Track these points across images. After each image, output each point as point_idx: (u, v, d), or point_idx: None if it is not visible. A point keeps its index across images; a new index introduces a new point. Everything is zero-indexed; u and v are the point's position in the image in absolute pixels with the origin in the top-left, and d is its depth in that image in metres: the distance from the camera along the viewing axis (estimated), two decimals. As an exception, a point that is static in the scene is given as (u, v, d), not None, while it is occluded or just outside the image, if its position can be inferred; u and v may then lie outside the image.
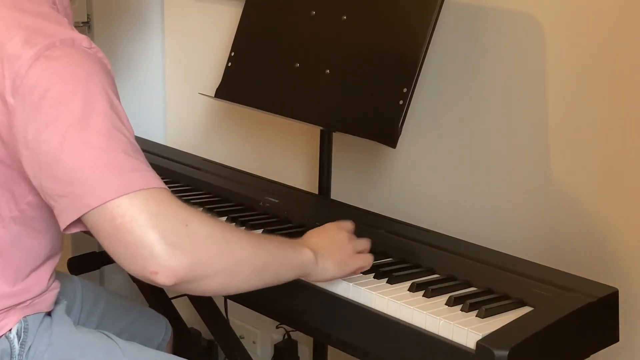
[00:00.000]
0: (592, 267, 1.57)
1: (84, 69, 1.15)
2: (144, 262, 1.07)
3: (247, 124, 2.24)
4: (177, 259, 1.08)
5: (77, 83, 1.13)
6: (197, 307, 2.03)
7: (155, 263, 1.07)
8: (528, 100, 1.65)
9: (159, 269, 1.07)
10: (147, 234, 1.07)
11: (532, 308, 1.30)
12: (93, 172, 1.09)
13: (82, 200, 1.10)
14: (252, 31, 1.91)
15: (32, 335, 1.30)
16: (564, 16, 1.58)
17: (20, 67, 1.13)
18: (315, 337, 1.73)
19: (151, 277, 1.08)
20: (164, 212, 1.09)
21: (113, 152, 1.11)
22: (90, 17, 2.35)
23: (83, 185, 1.09)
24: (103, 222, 1.09)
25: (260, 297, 1.52)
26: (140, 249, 1.07)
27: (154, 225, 1.07)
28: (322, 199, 1.83)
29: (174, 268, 1.07)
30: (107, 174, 1.09)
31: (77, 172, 1.10)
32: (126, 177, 1.10)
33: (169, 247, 1.07)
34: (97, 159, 1.10)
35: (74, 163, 1.10)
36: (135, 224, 1.07)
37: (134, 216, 1.07)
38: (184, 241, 1.09)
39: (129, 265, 1.10)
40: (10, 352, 1.28)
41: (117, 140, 1.12)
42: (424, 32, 1.59)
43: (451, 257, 1.47)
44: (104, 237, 1.11)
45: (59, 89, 1.12)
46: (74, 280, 1.59)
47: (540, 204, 1.66)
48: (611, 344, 1.35)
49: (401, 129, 1.59)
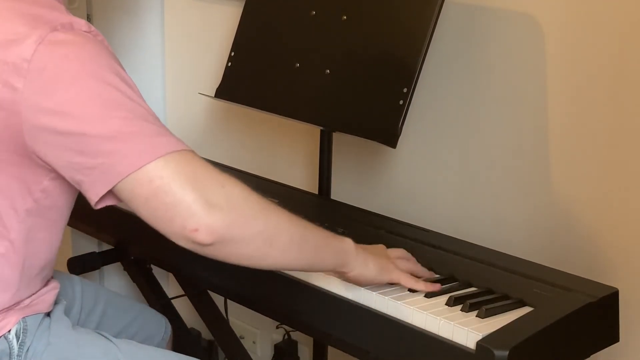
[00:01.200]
0: (592, 267, 1.57)
1: (89, 50, 1.17)
2: (184, 221, 1.10)
3: (247, 124, 2.24)
4: (215, 216, 1.10)
5: (85, 62, 1.15)
6: (197, 307, 2.03)
7: (194, 221, 1.09)
8: (528, 101, 1.65)
9: (198, 226, 1.09)
10: (186, 193, 1.09)
11: (532, 308, 1.30)
12: (122, 141, 1.11)
13: (115, 169, 1.11)
14: (252, 31, 1.91)
15: (31, 336, 1.30)
16: (564, 16, 1.58)
17: (24, 51, 1.13)
18: (315, 337, 1.73)
19: (191, 235, 1.10)
20: (199, 173, 1.12)
21: (136, 120, 1.13)
22: (90, 17, 2.35)
23: (113, 155, 1.11)
24: (140, 187, 1.11)
25: (260, 297, 1.52)
26: (179, 208, 1.09)
27: (191, 184, 1.10)
28: (322, 199, 1.83)
29: (212, 225, 1.10)
30: (136, 141, 1.11)
31: (106, 143, 1.11)
32: (155, 142, 1.12)
33: (208, 205, 1.10)
34: (122, 128, 1.12)
35: (101, 135, 1.11)
36: (174, 185, 1.10)
37: (171, 177, 1.10)
38: (222, 200, 1.11)
39: (168, 227, 1.12)
40: (9, 352, 1.28)
41: (136, 111, 1.15)
42: (424, 32, 1.59)
43: (451, 257, 1.47)
44: (141, 202, 1.12)
45: (68, 68, 1.13)
46: (73, 280, 1.59)
47: (541, 204, 1.66)
48: (611, 344, 1.35)
49: (401, 129, 1.59)
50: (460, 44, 1.74)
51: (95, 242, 2.34)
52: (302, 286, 1.42)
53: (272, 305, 1.50)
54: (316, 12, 1.78)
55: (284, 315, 1.53)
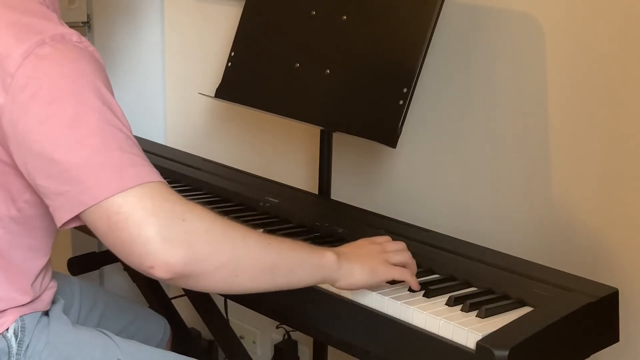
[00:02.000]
0: (592, 267, 1.57)
1: (75, 66, 1.15)
2: (140, 258, 1.08)
3: (247, 124, 2.24)
4: (172, 253, 1.08)
5: (67, 81, 1.13)
6: (197, 307, 2.03)
7: (150, 259, 1.08)
8: (528, 100, 1.65)
9: (154, 264, 1.08)
10: (142, 231, 1.07)
11: (532, 308, 1.30)
12: (88, 171, 1.09)
13: (78, 199, 1.10)
14: (252, 31, 1.91)
15: (29, 334, 1.30)
16: (564, 16, 1.58)
17: (9, 65, 1.12)
18: (315, 337, 1.73)
19: (149, 272, 1.09)
20: (158, 208, 1.09)
21: (107, 149, 1.11)
22: (90, 17, 2.35)
23: (78, 184, 1.10)
24: (99, 220, 1.10)
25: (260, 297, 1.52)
26: (135, 246, 1.08)
27: (149, 221, 1.08)
28: (322, 199, 1.83)
29: (169, 263, 1.08)
30: (101, 172, 1.09)
31: (72, 171, 1.10)
32: (121, 174, 1.10)
33: (164, 242, 1.07)
34: (91, 157, 1.10)
35: (69, 162, 1.10)
36: (130, 222, 1.08)
37: (128, 214, 1.08)
38: (180, 236, 1.09)
39: (127, 260, 1.11)
40: (8, 351, 1.28)
41: (111, 137, 1.12)
42: (424, 32, 1.59)
43: (451, 257, 1.47)
44: (101, 234, 1.11)
45: (50, 88, 1.12)
46: (72, 280, 1.59)
47: (540, 203, 1.66)
48: (611, 344, 1.35)
49: (401, 129, 1.59)
50: (460, 44, 1.74)
51: (95, 242, 2.34)
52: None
53: (272, 305, 1.50)
54: (316, 12, 1.78)
55: (284, 315, 1.53)
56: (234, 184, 1.83)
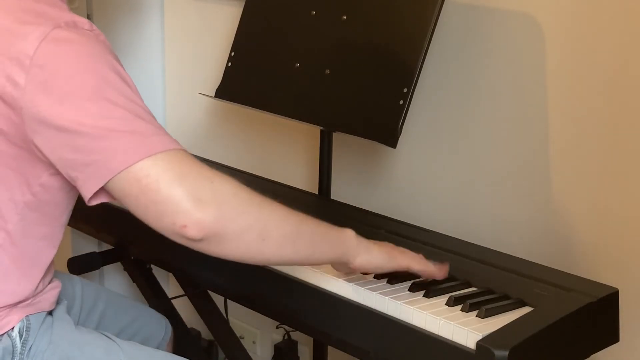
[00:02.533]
0: (592, 267, 1.57)
1: (90, 48, 1.19)
2: (173, 218, 1.11)
3: (247, 124, 2.24)
4: (204, 211, 1.11)
5: (85, 60, 1.17)
6: (197, 307, 2.03)
7: (183, 217, 1.11)
8: (528, 101, 1.66)
9: (187, 222, 1.11)
10: (174, 190, 1.11)
11: (532, 308, 1.30)
12: (115, 139, 1.13)
13: (107, 166, 1.13)
14: (252, 31, 1.91)
15: (33, 334, 1.30)
16: (564, 16, 1.58)
17: (27, 47, 1.15)
18: (315, 337, 1.73)
19: (181, 232, 1.12)
20: (187, 170, 1.13)
21: (130, 119, 1.15)
22: (90, 17, 2.35)
23: (106, 152, 1.13)
24: (129, 185, 1.13)
25: (260, 297, 1.52)
26: (168, 205, 1.11)
27: (179, 181, 1.11)
28: (322, 199, 1.83)
29: (201, 221, 1.11)
30: (128, 140, 1.13)
31: (99, 140, 1.13)
32: (146, 141, 1.13)
33: (196, 200, 1.11)
34: (116, 127, 1.13)
35: (95, 132, 1.13)
36: (161, 182, 1.11)
37: (159, 175, 1.11)
38: (210, 196, 1.12)
39: (158, 223, 1.13)
40: (12, 350, 1.29)
41: (132, 109, 1.16)
42: (424, 32, 1.59)
43: (451, 257, 1.47)
44: (132, 200, 1.14)
45: (69, 66, 1.16)
46: (73, 279, 1.59)
47: (540, 203, 1.66)
48: (611, 344, 1.35)
49: (401, 129, 1.59)
50: (460, 44, 1.74)
51: (95, 242, 2.34)
52: (302, 286, 1.42)
53: (272, 305, 1.50)
54: (316, 12, 1.78)
55: (284, 315, 1.53)
56: (234, 184, 1.83)
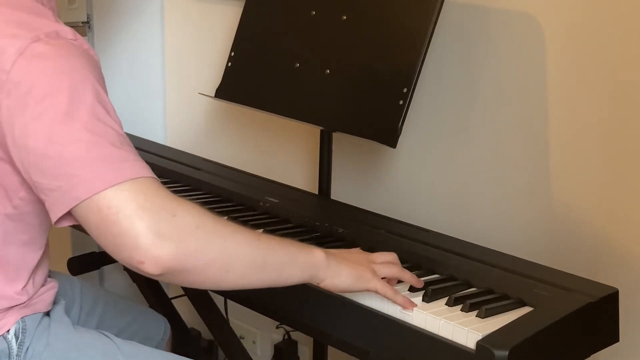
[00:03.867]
0: (592, 267, 1.57)
1: (69, 63, 1.15)
2: (131, 253, 1.08)
3: (247, 124, 2.24)
4: (163, 248, 1.08)
5: (62, 77, 1.13)
6: (197, 307, 2.03)
7: (141, 253, 1.08)
8: (528, 101, 1.65)
9: (144, 259, 1.08)
10: (133, 225, 1.07)
11: (532, 308, 1.30)
12: (80, 166, 1.10)
13: (71, 194, 1.10)
14: (252, 31, 1.91)
15: (30, 336, 1.30)
16: (564, 16, 1.58)
17: (4, 62, 1.13)
18: (315, 337, 1.73)
19: (139, 267, 1.09)
20: (149, 203, 1.09)
21: (100, 145, 1.11)
22: (90, 17, 2.35)
23: (71, 179, 1.10)
24: (91, 214, 1.10)
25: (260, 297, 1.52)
26: (126, 239, 1.08)
27: (140, 215, 1.08)
28: (322, 199, 1.83)
29: (159, 257, 1.08)
30: (94, 167, 1.10)
31: (64, 167, 1.10)
32: (113, 169, 1.10)
33: (155, 237, 1.07)
34: (84, 153, 1.10)
35: (62, 157, 1.10)
36: (121, 215, 1.08)
37: (119, 207, 1.08)
38: (171, 231, 1.09)
39: (116, 255, 1.11)
40: (8, 352, 1.28)
41: (104, 133, 1.13)
42: (424, 32, 1.59)
43: (451, 257, 1.47)
44: (92, 228, 1.12)
45: (44, 84, 1.12)
46: (72, 280, 1.59)
47: (541, 203, 1.66)
48: (611, 344, 1.35)
49: (401, 129, 1.59)
50: (460, 44, 1.74)
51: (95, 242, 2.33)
52: (302, 286, 1.41)
53: (272, 305, 1.50)
54: (316, 12, 1.78)
55: (284, 315, 1.53)
56: (234, 184, 1.83)
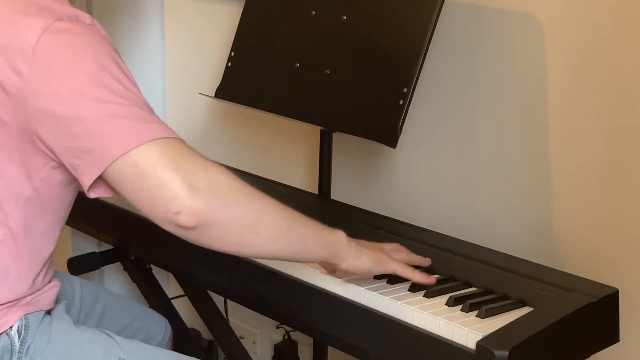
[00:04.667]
0: (592, 267, 1.57)
1: (90, 39, 1.21)
2: (167, 203, 1.12)
3: (247, 124, 2.24)
4: (198, 199, 1.12)
5: (86, 49, 1.19)
6: (197, 307, 2.03)
7: (177, 203, 1.11)
8: (528, 101, 1.66)
9: (181, 208, 1.11)
10: (169, 176, 1.12)
11: (532, 308, 1.30)
12: (113, 124, 1.15)
13: (106, 151, 1.14)
14: (252, 31, 1.91)
15: (32, 333, 1.31)
16: (564, 16, 1.58)
17: (30, 37, 1.17)
18: (315, 337, 1.73)
19: (173, 218, 1.12)
20: (183, 157, 1.14)
21: (129, 106, 1.17)
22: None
23: (105, 138, 1.14)
24: (126, 170, 1.14)
25: (260, 297, 1.52)
26: (162, 191, 1.12)
27: (175, 168, 1.12)
28: (322, 199, 1.83)
29: (195, 208, 1.11)
30: (126, 126, 1.15)
31: (98, 126, 1.15)
32: (144, 128, 1.15)
33: (190, 188, 1.11)
34: (116, 113, 1.15)
35: (94, 118, 1.15)
36: (158, 167, 1.12)
37: (155, 160, 1.13)
38: (205, 184, 1.13)
39: (152, 209, 1.14)
40: (10, 349, 1.29)
41: (131, 98, 1.18)
42: (424, 32, 1.59)
43: (451, 257, 1.47)
44: (127, 185, 1.15)
45: (71, 54, 1.18)
46: (72, 280, 1.59)
47: (540, 203, 1.66)
48: (611, 344, 1.35)
49: (401, 129, 1.59)
50: (460, 44, 1.74)
51: (95, 242, 2.34)
52: (302, 286, 1.42)
53: (272, 305, 1.50)
54: (316, 12, 1.78)
55: (284, 315, 1.53)
56: (234, 184, 1.83)
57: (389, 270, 1.32)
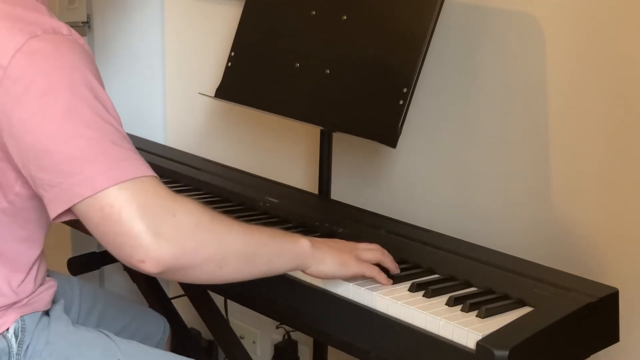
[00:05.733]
0: (592, 267, 1.57)
1: (67, 60, 1.16)
2: (131, 252, 1.10)
3: (247, 124, 2.24)
4: (163, 248, 1.10)
5: (61, 75, 1.14)
6: (197, 307, 2.03)
7: (141, 252, 1.10)
8: (528, 100, 1.66)
9: (145, 258, 1.10)
10: (134, 224, 1.09)
11: (532, 308, 1.30)
12: (82, 163, 1.11)
13: (73, 190, 1.11)
14: (252, 31, 1.91)
15: (29, 335, 1.30)
16: (564, 16, 1.58)
17: (1, 58, 1.13)
18: (315, 337, 1.73)
19: (138, 266, 1.11)
20: (151, 203, 1.11)
21: (101, 142, 1.12)
22: (90, 17, 2.35)
23: (73, 176, 1.11)
24: (92, 212, 1.11)
25: (260, 297, 1.52)
26: (127, 239, 1.09)
27: (141, 215, 1.10)
28: (322, 199, 1.83)
29: (159, 257, 1.10)
30: (96, 164, 1.11)
31: (66, 163, 1.11)
32: (115, 167, 1.11)
33: (155, 237, 1.09)
34: (86, 150, 1.11)
35: (63, 153, 1.11)
36: (123, 214, 1.09)
37: (122, 206, 1.09)
38: (171, 231, 1.11)
39: (117, 253, 1.12)
40: (8, 351, 1.29)
41: (105, 131, 1.14)
42: (424, 32, 1.59)
43: (451, 257, 1.47)
44: (93, 226, 1.13)
45: (44, 81, 1.13)
46: (71, 280, 1.59)
47: (541, 203, 1.66)
48: (611, 344, 1.35)
49: (401, 129, 1.59)
50: (460, 44, 1.74)
51: (95, 242, 2.33)
52: (302, 286, 1.42)
53: (272, 305, 1.50)
54: (316, 12, 1.78)
55: (284, 315, 1.53)
56: (234, 184, 1.83)
57: (356, 273, 1.33)
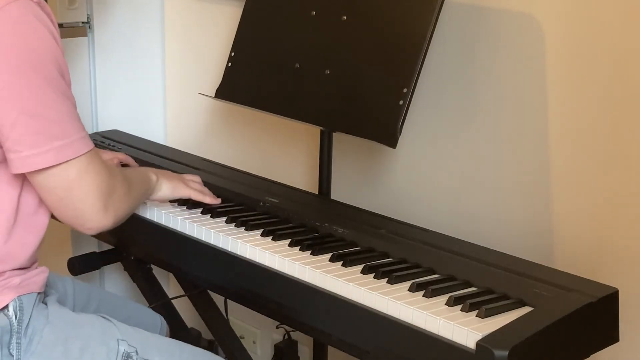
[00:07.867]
0: (592, 267, 1.57)
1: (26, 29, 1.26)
2: (84, 222, 1.33)
3: (247, 124, 2.24)
4: (107, 219, 1.35)
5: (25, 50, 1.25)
6: (197, 307, 2.03)
7: (92, 223, 1.34)
8: (528, 100, 1.66)
9: (93, 226, 1.35)
10: (88, 202, 1.31)
11: (532, 308, 1.30)
12: (38, 140, 1.25)
13: (29, 161, 1.26)
14: (252, 31, 1.91)
15: (28, 314, 1.34)
16: (564, 16, 1.58)
17: None
18: (315, 337, 1.73)
19: (85, 230, 1.36)
20: (100, 180, 1.32)
21: (57, 123, 1.27)
22: (90, 17, 2.34)
23: (31, 149, 1.25)
24: (46, 184, 1.29)
25: (260, 297, 1.52)
26: (81, 212, 1.32)
27: (93, 193, 1.31)
28: (322, 199, 1.83)
29: (105, 225, 1.35)
30: (50, 143, 1.26)
31: (27, 137, 1.25)
32: (68, 146, 1.27)
33: (103, 211, 1.33)
34: (42, 130, 1.26)
35: (24, 130, 1.24)
36: (79, 191, 1.30)
37: (73, 181, 1.29)
38: (114, 206, 1.36)
39: (68, 221, 1.34)
40: (10, 329, 1.32)
41: (61, 109, 1.28)
42: (424, 32, 1.59)
43: (451, 257, 1.47)
44: (46, 194, 1.31)
45: (9, 55, 1.23)
46: (65, 280, 1.61)
47: (541, 203, 1.66)
48: (611, 344, 1.35)
49: (401, 129, 1.59)
50: (460, 44, 1.74)
51: (95, 242, 2.34)
52: (302, 286, 1.42)
53: (272, 305, 1.50)
54: (316, 12, 1.78)
55: (284, 315, 1.53)
56: (234, 184, 1.83)
57: (185, 195, 1.66)
